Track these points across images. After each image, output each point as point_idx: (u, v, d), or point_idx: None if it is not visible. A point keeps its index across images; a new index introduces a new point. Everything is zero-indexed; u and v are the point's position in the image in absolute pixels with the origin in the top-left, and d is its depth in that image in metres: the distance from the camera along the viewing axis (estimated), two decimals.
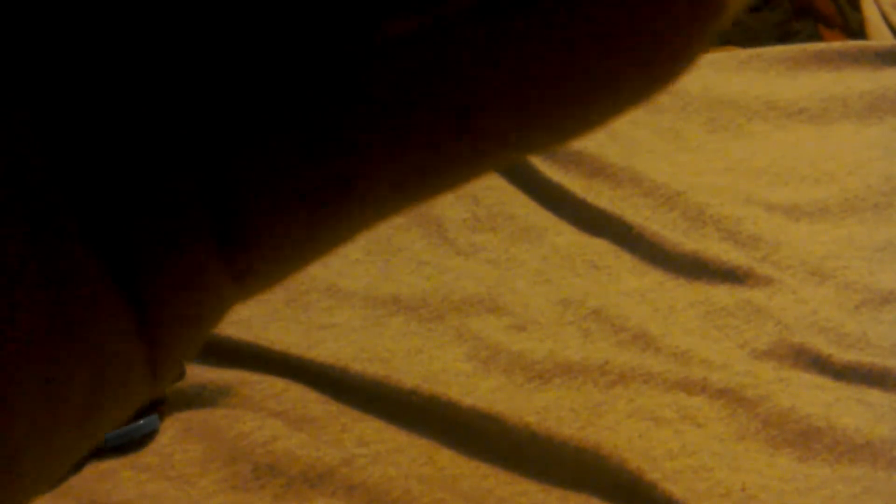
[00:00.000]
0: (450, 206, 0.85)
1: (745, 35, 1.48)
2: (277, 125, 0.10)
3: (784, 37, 1.46)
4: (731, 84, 0.98)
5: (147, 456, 0.63)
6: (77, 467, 0.63)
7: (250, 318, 0.71)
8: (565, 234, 0.80)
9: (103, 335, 0.10)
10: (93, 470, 0.62)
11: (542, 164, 0.86)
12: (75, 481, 0.61)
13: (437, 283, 0.75)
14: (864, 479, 0.42)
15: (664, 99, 0.96)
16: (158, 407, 0.66)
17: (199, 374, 0.67)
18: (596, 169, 0.84)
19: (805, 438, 0.46)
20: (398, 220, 0.85)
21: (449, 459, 0.59)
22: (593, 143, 0.87)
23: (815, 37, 1.43)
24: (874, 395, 0.52)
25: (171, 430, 0.64)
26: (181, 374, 0.67)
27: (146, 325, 0.11)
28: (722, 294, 0.66)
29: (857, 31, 1.40)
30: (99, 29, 0.10)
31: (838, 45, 1.03)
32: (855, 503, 0.41)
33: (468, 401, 0.60)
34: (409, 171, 0.11)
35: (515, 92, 0.11)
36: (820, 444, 0.45)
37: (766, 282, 0.66)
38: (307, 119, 0.10)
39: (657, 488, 0.44)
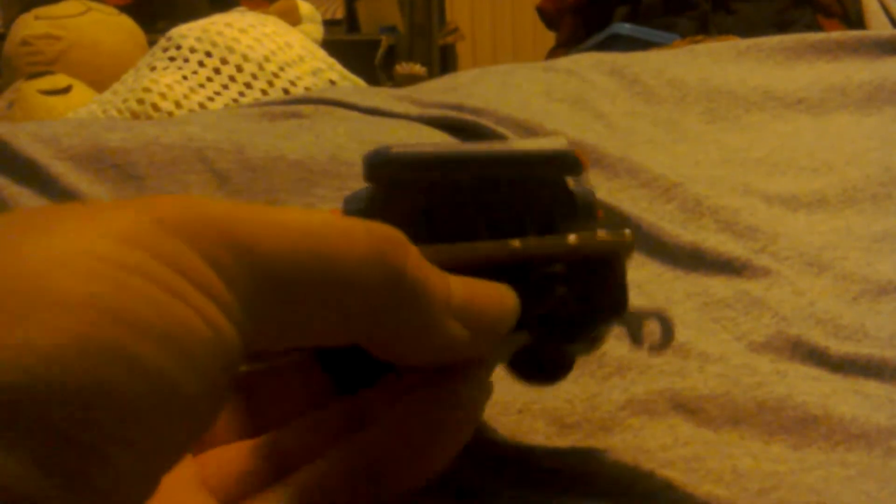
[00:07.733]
0: None
1: (743, 24, 1.47)
2: None
3: (782, 25, 1.45)
4: (728, 74, 0.98)
5: None
6: None
7: None
8: None
9: None
10: None
11: None
12: None
13: None
14: (859, 464, 0.43)
15: (662, 89, 0.95)
16: None
17: None
18: (593, 160, 0.84)
19: (802, 426, 0.46)
20: None
21: None
22: (591, 133, 0.87)
23: (814, 26, 1.43)
24: (871, 386, 0.52)
25: None
26: None
27: None
28: (719, 285, 0.66)
29: (855, 20, 1.39)
30: None
31: (837, 35, 1.03)
32: (849, 485, 0.41)
33: None
34: None
35: None
36: (816, 432, 0.45)
37: (764, 273, 0.66)
38: None
39: (653, 476, 0.44)
